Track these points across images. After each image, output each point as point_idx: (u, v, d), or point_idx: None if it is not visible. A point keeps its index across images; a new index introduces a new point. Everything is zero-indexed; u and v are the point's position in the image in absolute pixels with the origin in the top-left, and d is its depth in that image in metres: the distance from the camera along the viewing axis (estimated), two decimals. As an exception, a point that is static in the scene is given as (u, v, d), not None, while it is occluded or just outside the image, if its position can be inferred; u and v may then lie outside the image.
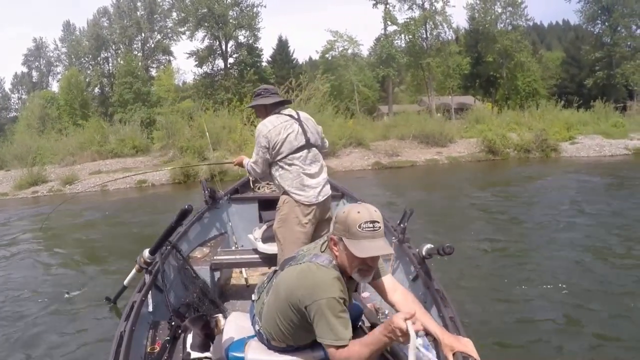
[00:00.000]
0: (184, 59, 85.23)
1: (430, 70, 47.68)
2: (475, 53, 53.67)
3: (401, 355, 2.72)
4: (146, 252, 3.68)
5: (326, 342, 2.26)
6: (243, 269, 5.40)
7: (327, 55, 51.49)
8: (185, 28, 52.64)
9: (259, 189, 5.93)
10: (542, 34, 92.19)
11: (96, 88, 58.32)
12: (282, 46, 57.03)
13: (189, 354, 2.77)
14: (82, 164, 31.10)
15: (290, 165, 3.91)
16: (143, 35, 57.86)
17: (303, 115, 4.13)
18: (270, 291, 2.58)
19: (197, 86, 51.65)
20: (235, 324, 2.92)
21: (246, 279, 5.31)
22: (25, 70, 72.15)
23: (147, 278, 3.52)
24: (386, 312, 3.79)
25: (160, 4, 58.19)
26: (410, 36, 47.36)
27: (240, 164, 4.39)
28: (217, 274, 4.76)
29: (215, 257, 4.67)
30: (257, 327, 2.66)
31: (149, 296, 3.40)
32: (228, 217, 6.06)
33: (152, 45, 58.44)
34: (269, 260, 4.48)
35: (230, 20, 50.01)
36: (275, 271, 2.69)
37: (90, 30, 59.19)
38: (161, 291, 3.62)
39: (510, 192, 14.32)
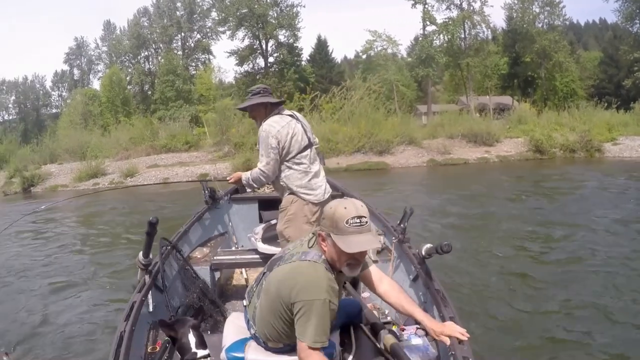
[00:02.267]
0: (225, 58, 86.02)
1: (468, 70, 47.39)
2: (513, 53, 52.97)
3: (401, 355, 2.71)
4: (140, 255, 3.56)
5: (303, 340, 2.26)
6: (243, 269, 5.40)
7: (365, 55, 51.75)
8: (226, 28, 53.23)
9: (259, 189, 5.65)
10: (579, 33, 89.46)
11: (137, 86, 59.38)
12: (321, 46, 57.27)
13: (195, 353, 2.68)
14: (137, 158, 32.16)
15: (298, 164, 3.92)
16: (183, 34, 58.73)
17: (300, 115, 4.15)
18: (260, 294, 2.57)
19: (237, 84, 52.11)
20: (235, 324, 2.94)
21: (246, 279, 5.31)
22: (66, 68, 73.35)
23: (147, 278, 3.51)
24: (386, 312, 3.82)
25: (200, 3, 58.93)
26: (449, 36, 46.84)
27: (238, 181, 4.32)
28: (217, 274, 4.78)
29: (215, 257, 4.66)
30: (252, 331, 2.66)
31: (149, 296, 3.40)
32: (228, 217, 6.07)
33: (192, 44, 59.28)
34: (269, 260, 4.48)
35: (271, 20, 50.38)
36: (264, 273, 2.66)
37: (131, 30, 60.32)
38: (161, 291, 3.59)
39: (566, 190, 14.20)
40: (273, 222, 4.61)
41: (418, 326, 3.00)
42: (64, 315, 6.31)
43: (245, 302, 2.78)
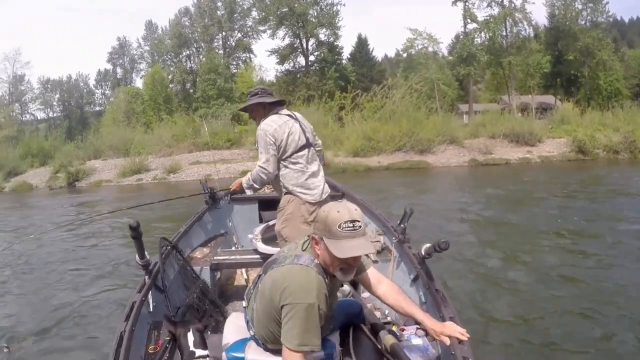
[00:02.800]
0: (266, 56, 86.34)
1: (510, 68, 46.47)
2: (556, 51, 51.84)
3: (401, 355, 2.68)
4: (137, 257, 3.51)
5: (285, 343, 2.24)
6: (243, 269, 5.37)
7: (405, 54, 51.21)
8: (266, 27, 53.49)
9: (260, 189, 5.34)
10: (623, 31, 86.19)
11: (179, 84, 60.18)
12: (362, 44, 56.90)
13: (193, 352, 2.75)
14: (180, 155, 32.77)
15: (294, 164, 3.93)
16: (224, 33, 59.26)
17: (299, 115, 4.16)
18: (257, 297, 2.54)
19: (279, 83, 52.29)
20: (235, 324, 2.90)
21: (246, 279, 5.29)
22: (109, 67, 74.82)
23: (147, 278, 3.49)
24: (386, 312, 3.84)
25: (240, 3, 59.38)
26: (490, 34, 45.97)
27: (239, 187, 4.36)
28: (217, 274, 4.78)
29: (215, 258, 4.65)
30: (252, 332, 2.64)
31: (149, 296, 3.39)
32: (228, 218, 6.08)
33: (233, 43, 59.76)
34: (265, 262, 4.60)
35: (311, 19, 50.38)
36: (259, 276, 2.62)
37: (172, 30, 61.06)
38: (161, 291, 3.58)
39: (607, 194, 13.71)
40: (273, 222, 4.57)
41: (418, 326, 3.03)
42: (73, 308, 6.43)
43: (244, 304, 2.76)
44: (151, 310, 3.36)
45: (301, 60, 53.54)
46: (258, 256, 4.56)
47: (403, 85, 32.39)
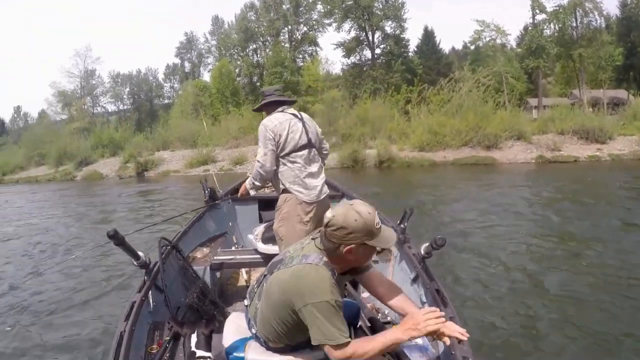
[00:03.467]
0: (332, 50, 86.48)
1: (581, 61, 44.65)
2: (628, 43, 49.54)
3: (401, 355, 2.73)
4: (132, 260, 3.53)
5: (322, 344, 2.28)
6: (243, 269, 5.31)
7: (473, 46, 50.30)
8: (332, 20, 53.83)
9: (262, 187, 5.15)
10: None
11: (246, 77, 61.11)
12: (428, 36, 55.90)
13: (194, 353, 2.75)
14: (247, 147, 33.30)
15: (292, 162, 3.94)
16: (289, 27, 59.83)
17: (305, 116, 4.16)
18: (261, 296, 2.57)
19: (345, 76, 52.54)
20: (235, 324, 2.91)
21: (246, 279, 5.25)
22: (177, 61, 76.86)
23: (147, 278, 3.51)
24: (386, 312, 3.77)
25: (305, -4, 59.59)
26: (560, 25, 44.15)
27: (245, 190, 4.44)
28: (217, 274, 4.77)
29: (215, 257, 4.64)
30: (253, 331, 2.66)
31: (149, 296, 3.40)
32: (228, 217, 6.09)
33: (299, 37, 60.22)
34: (269, 260, 3.94)
35: (376, 11, 50.27)
36: (264, 275, 2.64)
37: (239, 24, 62.11)
38: (161, 291, 3.57)
39: None
40: (273, 222, 4.37)
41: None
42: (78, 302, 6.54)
43: (246, 302, 2.79)
44: (151, 310, 3.40)
45: (367, 53, 53.44)
46: (258, 256, 4.60)
47: (470, 79, 31.89)
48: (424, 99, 31.56)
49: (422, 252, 3.53)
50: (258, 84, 59.67)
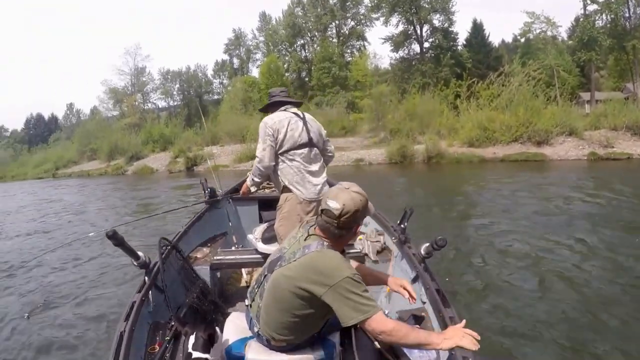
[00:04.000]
0: (380, 44, 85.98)
1: (635, 53, 42.97)
2: None
3: (401, 355, 2.74)
4: (131, 260, 3.52)
5: (358, 322, 2.29)
6: (243, 269, 5.31)
7: (523, 39, 49.25)
8: (379, 14, 53.54)
9: (261, 183, 5.01)
10: None
11: (294, 73, 61.66)
12: (477, 29, 54.88)
13: (190, 354, 2.71)
14: None
15: (291, 160, 3.95)
16: (337, 22, 59.85)
17: (308, 116, 4.17)
18: (263, 294, 2.59)
19: (393, 71, 52.27)
20: (235, 324, 2.94)
21: (246, 280, 5.25)
22: (226, 58, 78.02)
23: (147, 278, 3.49)
24: (386, 312, 3.52)
25: (353, -10, 59.36)
26: (612, 15, 42.66)
27: (247, 189, 4.53)
28: (217, 274, 4.76)
29: (215, 257, 4.60)
30: (255, 329, 2.66)
31: (149, 296, 3.40)
32: (228, 217, 6.03)
33: (347, 32, 60.20)
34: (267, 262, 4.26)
35: (424, 5, 49.68)
36: (264, 275, 2.66)
37: (286, 20, 62.50)
38: (161, 291, 3.54)
39: None
40: (273, 222, 4.48)
41: (418, 326, 3.11)
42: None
43: (247, 302, 2.81)
44: (151, 310, 3.40)
45: (416, 47, 52.97)
46: (258, 256, 4.56)
47: (520, 72, 31.15)
48: (474, 93, 31.14)
49: (423, 252, 3.58)
50: (306, 79, 60.26)
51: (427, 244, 3.49)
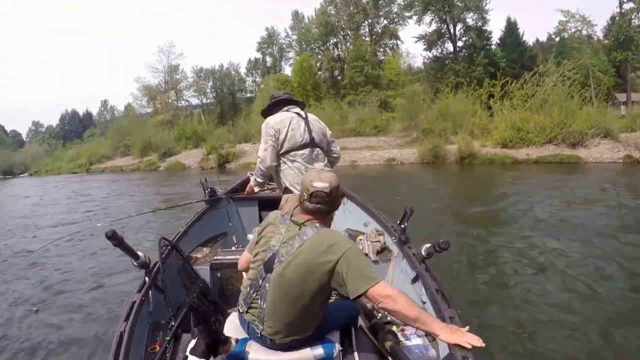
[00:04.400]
0: (413, 43, 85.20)
1: None
2: None
3: (401, 355, 2.72)
4: (131, 260, 3.53)
5: (364, 290, 2.41)
6: None
7: (557, 38, 48.44)
8: (412, 12, 53.30)
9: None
10: None
11: (327, 71, 61.57)
12: (511, 28, 53.72)
13: (186, 357, 2.64)
14: None
15: (292, 161, 3.95)
16: (370, 20, 59.71)
17: (311, 116, 4.19)
18: (266, 295, 2.62)
19: (427, 70, 51.96)
20: (235, 324, 2.94)
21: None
22: (259, 56, 78.17)
23: (147, 278, 3.49)
24: (387, 312, 3.84)
25: (385, -11, 59.16)
26: None
27: (252, 189, 4.65)
28: (217, 274, 4.70)
29: (215, 257, 4.61)
30: (257, 332, 2.69)
31: (149, 296, 3.40)
32: (228, 217, 6.01)
33: (379, 30, 60.03)
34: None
35: (457, 3, 49.23)
36: (263, 277, 2.68)
37: (319, 18, 62.41)
38: (161, 291, 3.55)
39: None
40: None
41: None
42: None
43: (241, 309, 2.82)
44: (151, 310, 3.40)
45: (449, 46, 52.53)
46: None
47: (555, 72, 30.69)
48: (507, 93, 30.80)
49: (423, 252, 3.59)
50: (339, 78, 60.08)
51: (428, 245, 3.55)
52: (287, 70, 69.24)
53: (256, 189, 4.60)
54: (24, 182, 50.04)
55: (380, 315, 3.56)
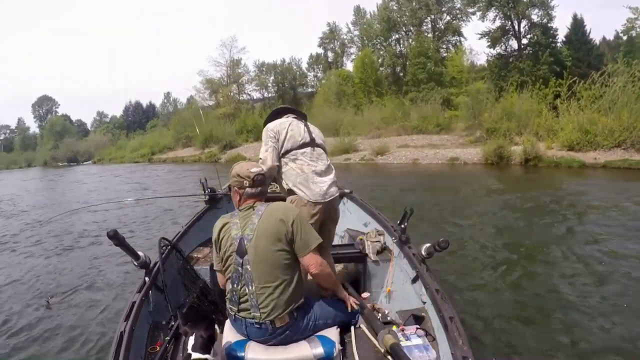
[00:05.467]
0: (476, 40, 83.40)
1: None
2: None
3: (401, 355, 2.74)
4: (132, 260, 3.60)
5: (314, 245, 2.92)
6: None
7: (626, 36, 46.54)
8: (475, 8, 52.54)
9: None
10: None
11: (389, 68, 61.32)
12: (578, 25, 51.85)
13: (189, 355, 2.73)
14: (388, 138, 33.98)
15: (294, 161, 3.93)
16: (432, 16, 59.13)
17: (309, 124, 4.22)
18: (251, 277, 2.85)
19: (490, 67, 51.10)
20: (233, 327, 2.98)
21: None
22: (320, 51, 78.79)
23: (147, 278, 3.52)
24: (386, 312, 3.75)
25: (448, -16, 58.58)
26: None
27: None
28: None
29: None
30: (256, 320, 2.82)
31: (149, 296, 3.42)
32: None
33: (442, 27, 59.41)
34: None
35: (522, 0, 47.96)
36: (241, 264, 2.89)
37: (381, 14, 62.21)
38: (161, 291, 3.58)
39: None
40: None
41: (418, 326, 3.20)
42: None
43: (232, 311, 2.97)
44: (151, 310, 3.43)
45: (513, 44, 51.23)
46: None
47: (624, 72, 29.40)
48: (574, 93, 29.88)
49: (424, 252, 3.67)
50: (401, 74, 59.76)
51: (428, 245, 3.64)
52: (349, 66, 69.47)
53: None
54: (87, 169, 53.24)
55: (380, 315, 3.67)
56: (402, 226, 4.15)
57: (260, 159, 3.93)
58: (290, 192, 3.93)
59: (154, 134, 70.97)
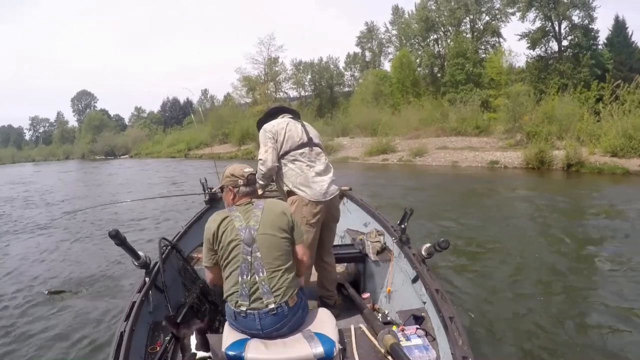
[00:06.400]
0: (515, 41, 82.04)
1: None
2: None
3: (401, 355, 2.74)
4: (132, 260, 3.59)
5: (301, 241, 3.16)
6: None
7: None
8: (515, 9, 52.17)
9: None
10: None
11: (426, 68, 61.26)
12: (619, 27, 50.24)
13: (194, 354, 2.77)
14: (427, 139, 33.49)
15: (293, 162, 3.92)
16: (471, 16, 58.87)
17: (306, 123, 4.22)
18: (260, 264, 2.89)
19: (529, 69, 50.52)
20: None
21: None
22: (358, 50, 78.92)
23: (147, 278, 3.52)
24: (386, 312, 3.82)
25: (487, -15, 58.10)
26: None
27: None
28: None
29: None
30: (270, 307, 2.83)
31: (149, 296, 3.42)
32: None
33: (481, 27, 59.04)
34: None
35: (563, 0, 47.33)
36: (250, 253, 2.91)
37: (419, 14, 61.89)
38: (161, 291, 3.58)
39: None
40: None
41: (418, 326, 3.21)
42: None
43: (244, 307, 2.87)
44: (151, 310, 3.44)
45: (553, 45, 50.59)
46: None
47: None
48: (618, 97, 29.14)
49: (424, 252, 3.67)
50: (439, 75, 59.75)
51: (429, 245, 3.65)
52: (386, 66, 69.89)
53: (259, 192, 4.36)
54: (123, 162, 54.73)
55: (380, 315, 3.71)
56: (402, 226, 4.15)
57: (260, 159, 3.95)
58: (290, 193, 3.97)
59: (190, 130, 72.03)
